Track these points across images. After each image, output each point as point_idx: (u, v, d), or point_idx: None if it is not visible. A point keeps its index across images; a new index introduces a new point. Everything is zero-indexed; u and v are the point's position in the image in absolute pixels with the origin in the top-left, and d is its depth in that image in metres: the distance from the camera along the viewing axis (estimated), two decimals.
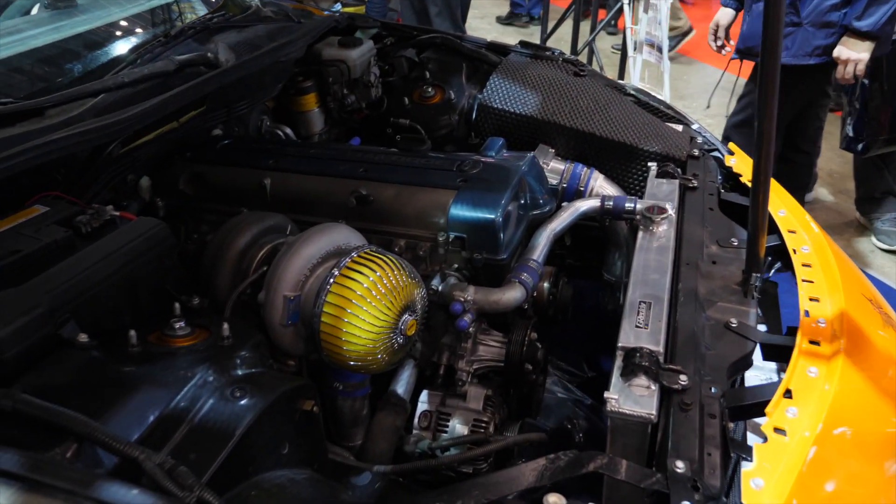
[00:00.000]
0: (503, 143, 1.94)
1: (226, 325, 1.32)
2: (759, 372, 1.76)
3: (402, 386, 1.75)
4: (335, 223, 1.56)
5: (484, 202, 1.64)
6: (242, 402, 1.20)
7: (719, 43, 3.89)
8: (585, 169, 2.22)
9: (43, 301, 1.18)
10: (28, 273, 1.25)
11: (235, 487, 1.12)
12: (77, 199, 1.56)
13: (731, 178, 2.22)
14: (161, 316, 1.37)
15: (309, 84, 2.41)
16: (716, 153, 2.32)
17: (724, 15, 3.85)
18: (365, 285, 1.40)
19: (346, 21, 2.61)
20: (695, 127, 2.42)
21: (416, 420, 1.73)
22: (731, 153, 2.31)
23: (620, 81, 2.61)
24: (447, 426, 1.71)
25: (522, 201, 1.77)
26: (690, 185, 2.04)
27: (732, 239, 1.83)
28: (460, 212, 1.64)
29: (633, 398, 1.30)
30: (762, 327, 1.83)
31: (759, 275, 1.63)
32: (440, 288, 1.63)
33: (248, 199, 1.85)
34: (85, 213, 1.44)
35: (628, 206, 1.90)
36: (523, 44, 2.70)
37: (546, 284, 1.91)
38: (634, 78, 4.66)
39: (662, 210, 1.81)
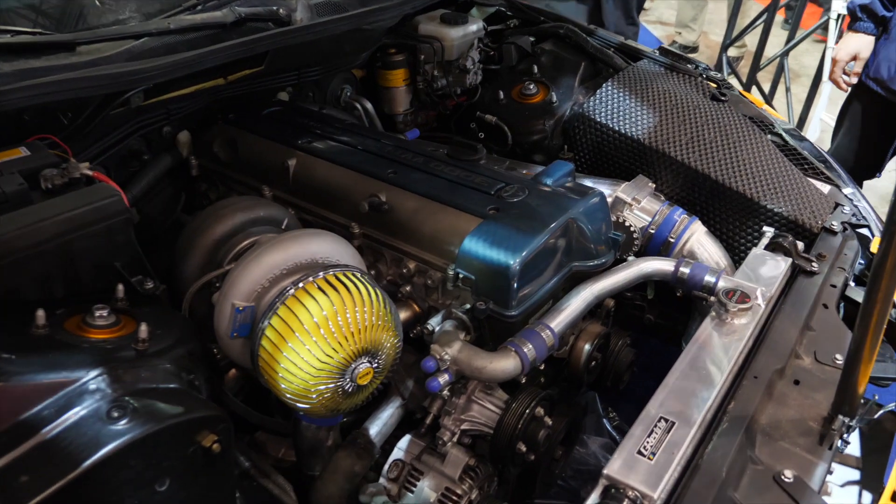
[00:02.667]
0: (570, 170, 1.60)
1: (143, 327, 1.14)
2: None
3: (377, 426, 1.52)
4: (320, 231, 1.33)
5: (505, 242, 1.33)
6: (117, 425, 1.02)
7: (852, 80, 2.97)
8: (685, 216, 1.82)
9: None
10: None
11: None
12: (69, 146, 1.45)
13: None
14: (105, 296, 1.23)
15: (399, 59, 2.17)
16: (865, 230, 1.81)
17: (865, 44, 2.91)
18: (316, 315, 1.16)
19: None
20: (848, 191, 1.91)
21: (386, 467, 1.49)
22: None
23: (774, 115, 2.12)
24: (415, 486, 1.46)
25: (565, 248, 1.44)
26: (807, 269, 1.59)
27: (838, 355, 1.39)
28: (474, 247, 1.34)
29: None
30: (847, 473, 1.40)
31: (848, 419, 1.20)
32: (435, 329, 1.37)
33: (270, 176, 1.67)
34: (58, 166, 1.32)
35: (708, 279, 1.50)
36: (663, 50, 2.28)
37: (587, 347, 1.58)
38: (821, 108, 3.95)
39: (745, 298, 1.40)
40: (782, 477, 1.15)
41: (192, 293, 1.32)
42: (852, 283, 1.64)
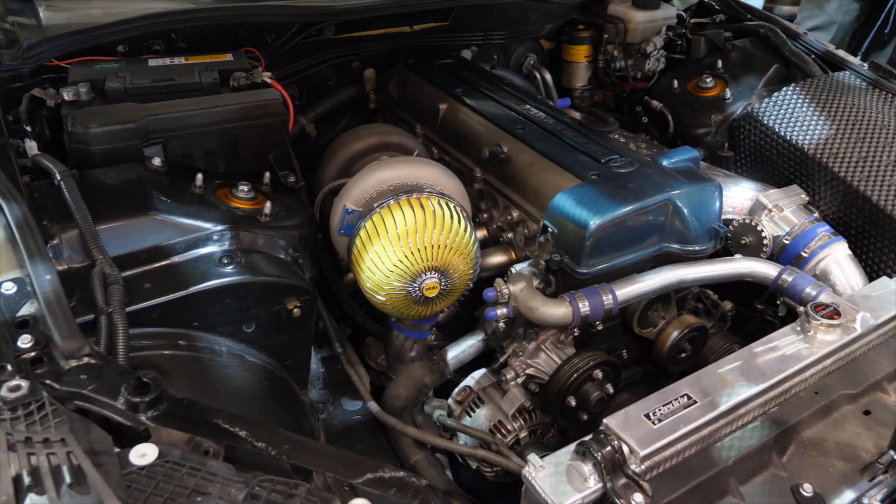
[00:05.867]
0: (694, 156, 1.59)
1: (268, 205, 1.41)
2: None
3: (455, 351, 1.67)
4: (431, 161, 1.51)
5: (592, 204, 1.40)
6: (223, 268, 1.29)
7: None
8: (828, 234, 1.72)
9: (137, 118, 1.40)
10: (161, 97, 1.49)
11: (168, 327, 1.23)
12: (270, 62, 1.76)
13: None
14: (255, 179, 1.52)
15: (584, 35, 2.25)
16: None
17: None
18: (399, 226, 1.34)
19: None
20: None
21: (456, 389, 1.64)
22: None
23: None
24: (474, 412, 1.59)
25: (657, 226, 1.46)
26: None
27: None
28: (563, 203, 1.42)
29: (559, 479, 1.05)
30: None
31: None
32: (514, 271, 1.48)
33: (425, 117, 1.87)
34: (248, 71, 1.63)
35: (809, 291, 1.43)
36: (874, 65, 2.10)
37: (675, 334, 1.59)
38: None
39: (835, 314, 1.32)
40: (801, 489, 1.11)
41: (324, 193, 1.57)
42: None
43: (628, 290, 1.39)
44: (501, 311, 1.38)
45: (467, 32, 2.13)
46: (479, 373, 1.65)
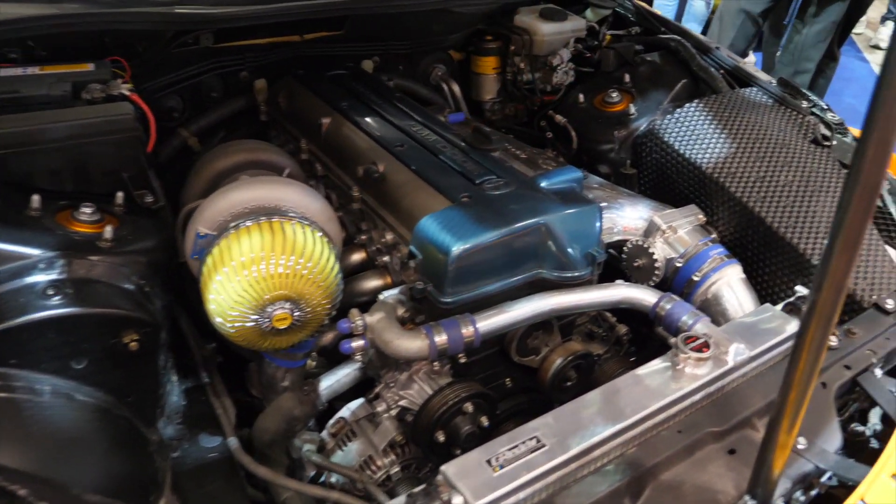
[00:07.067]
0: (576, 177, 1.52)
1: (109, 228, 1.31)
2: None
3: (329, 381, 1.58)
4: (292, 181, 1.42)
5: (458, 229, 1.32)
6: (46, 301, 1.19)
7: None
8: (722, 257, 1.66)
9: None
10: (2, 111, 1.38)
11: None
12: (143, 72, 1.66)
13: None
14: (107, 200, 1.42)
15: (491, 46, 2.18)
16: None
17: None
18: (244, 253, 1.25)
19: None
20: None
21: (331, 421, 1.55)
22: None
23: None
24: (347, 445, 1.51)
25: (529, 252, 1.39)
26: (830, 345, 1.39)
27: (801, 439, 1.22)
28: (427, 228, 1.34)
29: None
30: None
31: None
32: (381, 298, 1.40)
33: (310, 131, 1.78)
34: (106, 83, 1.53)
35: (685, 320, 1.37)
36: (782, 81, 2.06)
37: (558, 362, 1.52)
38: None
39: (704, 347, 1.26)
40: None
41: (184, 214, 1.47)
42: (878, 372, 1.40)
43: (493, 321, 1.32)
44: (358, 343, 1.30)
45: (366, 42, 2.04)
46: (354, 403, 1.56)
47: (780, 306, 1.46)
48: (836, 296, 0.84)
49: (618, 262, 1.77)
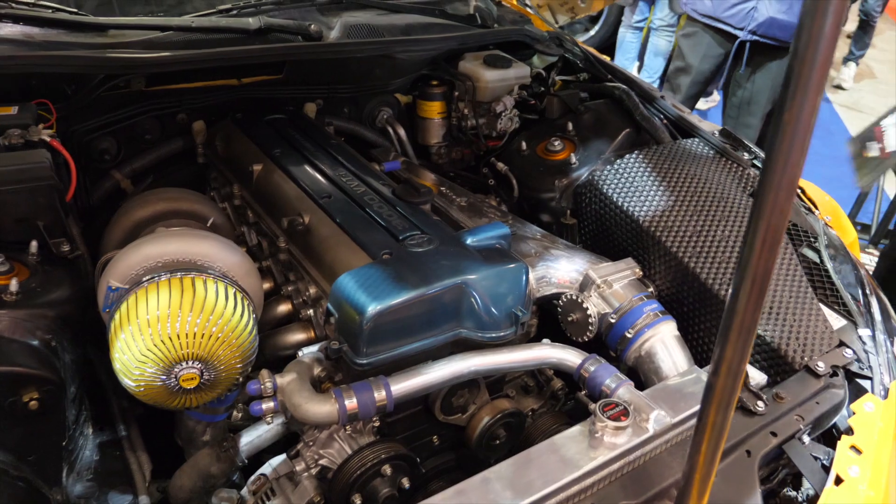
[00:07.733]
0: (504, 233, 1.51)
1: (14, 281, 1.26)
2: None
3: (249, 436, 1.54)
4: (211, 235, 1.38)
5: (374, 288, 1.29)
6: None
7: None
8: (656, 313, 1.65)
9: None
10: None
11: None
12: (73, 115, 1.62)
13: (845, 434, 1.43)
14: (23, 249, 1.38)
15: (437, 91, 2.17)
16: (866, 382, 1.53)
17: None
18: (150, 311, 1.21)
19: (528, 39, 2.26)
20: (864, 333, 1.61)
21: (251, 478, 1.50)
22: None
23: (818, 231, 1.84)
24: None
25: (450, 312, 1.36)
26: (748, 407, 1.38)
27: None
28: (344, 286, 1.31)
29: None
30: None
31: None
32: (299, 355, 1.37)
33: (241, 176, 1.75)
34: (27, 128, 1.49)
35: (608, 384, 1.35)
36: (724, 132, 2.07)
37: (486, 420, 1.49)
38: None
39: (622, 416, 1.24)
40: None
41: (100, 265, 1.43)
42: (806, 438, 1.38)
43: (408, 384, 1.28)
44: (268, 405, 1.26)
45: (308, 85, 2.03)
46: (276, 459, 1.51)
47: (707, 368, 1.45)
48: (734, 381, 0.83)
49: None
